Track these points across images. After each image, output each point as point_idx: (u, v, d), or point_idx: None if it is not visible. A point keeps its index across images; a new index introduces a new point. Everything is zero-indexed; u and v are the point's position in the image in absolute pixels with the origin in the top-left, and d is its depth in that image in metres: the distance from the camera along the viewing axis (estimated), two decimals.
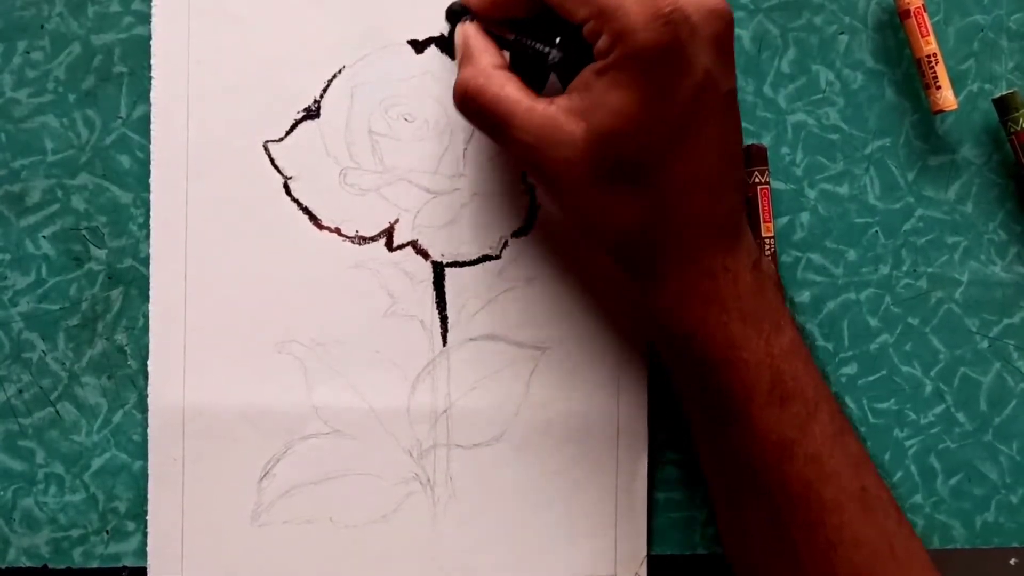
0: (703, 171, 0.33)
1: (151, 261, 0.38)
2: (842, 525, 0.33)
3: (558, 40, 0.35)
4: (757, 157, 0.39)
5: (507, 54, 0.36)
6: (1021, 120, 0.40)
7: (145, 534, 0.38)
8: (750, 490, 0.34)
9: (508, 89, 0.34)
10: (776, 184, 0.41)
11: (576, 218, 0.35)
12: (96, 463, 0.39)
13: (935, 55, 0.39)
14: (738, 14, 0.40)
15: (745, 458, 0.34)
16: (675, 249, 0.34)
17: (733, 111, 0.34)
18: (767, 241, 0.39)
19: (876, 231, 0.41)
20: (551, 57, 0.35)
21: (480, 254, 0.39)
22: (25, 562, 0.38)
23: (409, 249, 0.39)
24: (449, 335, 0.39)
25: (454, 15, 0.38)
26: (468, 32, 0.37)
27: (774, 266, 0.38)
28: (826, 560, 0.33)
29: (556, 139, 0.33)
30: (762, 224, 0.39)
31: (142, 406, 0.38)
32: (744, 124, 0.40)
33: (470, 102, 0.35)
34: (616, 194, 0.33)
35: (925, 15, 0.39)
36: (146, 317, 0.38)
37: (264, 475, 0.38)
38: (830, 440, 0.34)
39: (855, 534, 0.33)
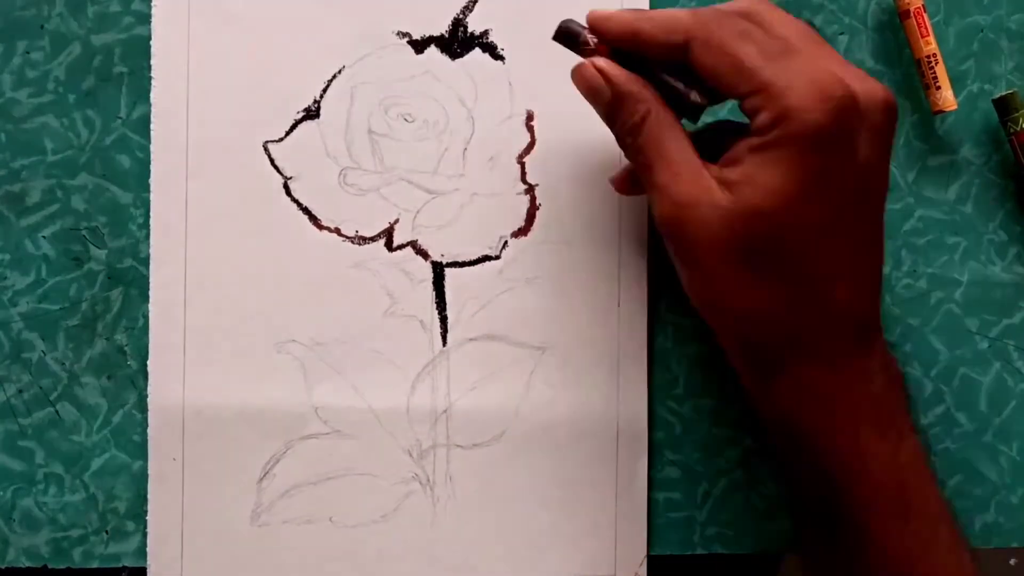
0: (849, 265, 0.32)
1: (151, 261, 0.38)
2: None
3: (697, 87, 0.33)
4: None
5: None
6: (1021, 120, 0.40)
7: (145, 534, 0.38)
8: None
9: (677, 131, 0.32)
10: None
11: (705, 296, 0.33)
12: (96, 463, 0.39)
13: (935, 55, 0.39)
14: None
15: (860, 571, 0.33)
16: (809, 344, 0.32)
17: (882, 208, 0.33)
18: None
19: None
20: (691, 98, 0.33)
21: (480, 254, 0.39)
22: (25, 562, 0.38)
23: (409, 249, 0.39)
24: (449, 335, 0.39)
25: (569, 37, 0.34)
26: (606, 66, 0.33)
27: (901, 371, 0.36)
28: None
29: (701, 200, 0.31)
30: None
31: (142, 406, 0.38)
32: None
33: (640, 137, 0.33)
34: (754, 275, 0.31)
35: (925, 15, 0.39)
36: (146, 317, 0.38)
37: (264, 475, 0.38)
38: (955, 558, 0.32)
39: None
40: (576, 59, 0.34)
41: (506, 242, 0.39)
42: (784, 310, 0.32)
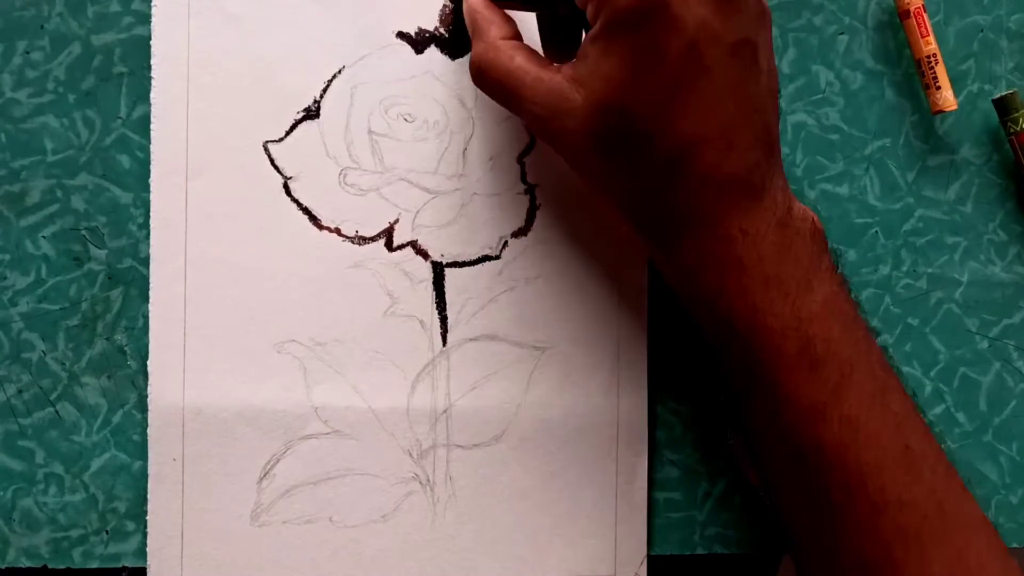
0: (710, 130, 0.31)
1: (151, 261, 0.38)
2: (884, 487, 0.32)
3: None
4: None
5: (516, 23, 0.36)
6: (1021, 120, 0.40)
7: (145, 534, 0.38)
8: (786, 457, 0.33)
9: (517, 60, 0.34)
10: None
11: (588, 187, 0.35)
12: (96, 463, 0.39)
13: (935, 55, 0.39)
14: None
15: (779, 423, 0.33)
16: (685, 215, 0.32)
17: (747, 60, 0.32)
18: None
19: (876, 231, 0.41)
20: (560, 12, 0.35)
21: (480, 254, 0.39)
22: (25, 562, 0.38)
23: (409, 249, 0.39)
24: (449, 335, 0.39)
25: None
26: (474, 5, 0.36)
27: (812, 216, 0.34)
28: (870, 524, 0.32)
29: (561, 109, 0.33)
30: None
31: (142, 406, 0.38)
32: None
33: (483, 76, 0.35)
34: (620, 162, 0.33)
35: (925, 15, 0.39)
36: (146, 317, 0.38)
37: (264, 475, 0.38)
38: (868, 400, 0.32)
39: (899, 495, 0.32)
40: None
41: (506, 242, 0.39)
42: (653, 187, 0.33)
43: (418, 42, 0.39)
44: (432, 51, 0.39)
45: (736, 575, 0.51)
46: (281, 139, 0.38)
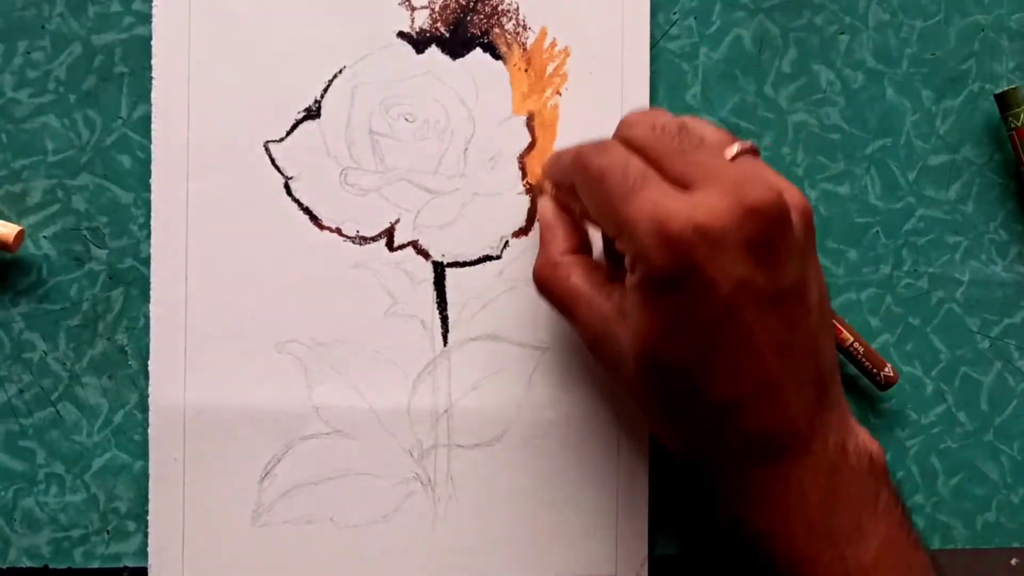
0: (749, 389, 0.30)
1: (152, 261, 0.38)
2: None
3: None
4: None
5: (581, 233, 0.36)
6: (1022, 116, 0.40)
7: (146, 534, 0.38)
8: None
9: (573, 280, 0.34)
10: None
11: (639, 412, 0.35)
12: (97, 463, 0.39)
13: None
14: (738, 14, 0.40)
15: None
16: (726, 468, 0.32)
17: (792, 307, 0.30)
18: None
19: (877, 231, 0.41)
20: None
21: (481, 254, 0.39)
22: (26, 562, 0.38)
23: (410, 249, 0.39)
24: (450, 335, 0.39)
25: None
26: (545, 212, 0.36)
27: (872, 449, 0.33)
28: None
29: (609, 339, 0.32)
30: None
31: (143, 406, 0.38)
32: (744, 124, 0.40)
33: (541, 290, 0.35)
34: (664, 403, 0.32)
35: None
36: (147, 317, 0.38)
37: (265, 475, 0.38)
38: None
39: None
40: None
41: (507, 242, 0.39)
42: (695, 435, 0.32)
43: (419, 42, 0.39)
44: (433, 51, 0.39)
45: (736, 575, 0.51)
46: (282, 139, 0.38)
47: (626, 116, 0.33)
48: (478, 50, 0.39)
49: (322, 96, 0.39)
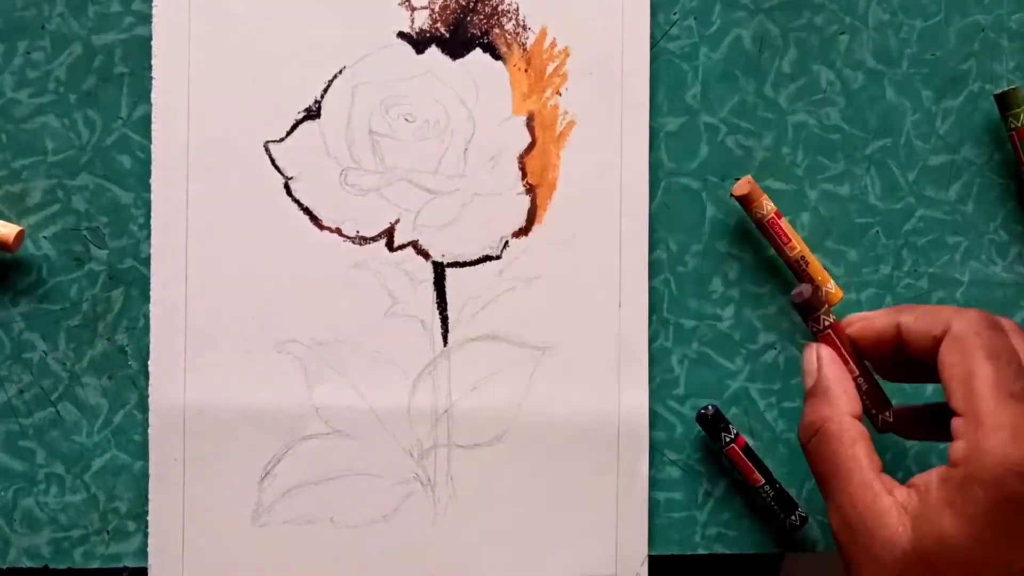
0: None
1: (152, 261, 0.38)
2: None
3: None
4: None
5: (860, 393, 0.35)
6: (1022, 116, 0.40)
7: (146, 534, 0.38)
8: None
9: (857, 450, 0.32)
10: (777, 184, 0.41)
11: None
12: (97, 463, 0.39)
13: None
14: (738, 14, 0.40)
15: None
16: None
17: None
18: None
19: (877, 231, 0.41)
20: (883, 416, 0.35)
21: (480, 254, 0.39)
22: (26, 562, 0.38)
23: (410, 249, 0.39)
24: (449, 335, 0.39)
25: (806, 309, 0.35)
26: (826, 359, 0.34)
27: None
28: None
29: (875, 530, 0.30)
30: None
31: (143, 406, 0.38)
32: (744, 124, 0.40)
33: (817, 443, 0.33)
34: None
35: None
36: (147, 317, 0.38)
37: (265, 475, 0.38)
38: None
39: None
40: None
41: (507, 242, 0.39)
42: None
43: (419, 42, 0.39)
44: (433, 51, 0.39)
45: (736, 575, 0.51)
46: (282, 139, 0.38)
47: (1004, 320, 0.32)
48: (478, 50, 0.39)
49: (322, 96, 0.39)
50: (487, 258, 0.39)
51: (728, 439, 0.39)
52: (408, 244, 0.39)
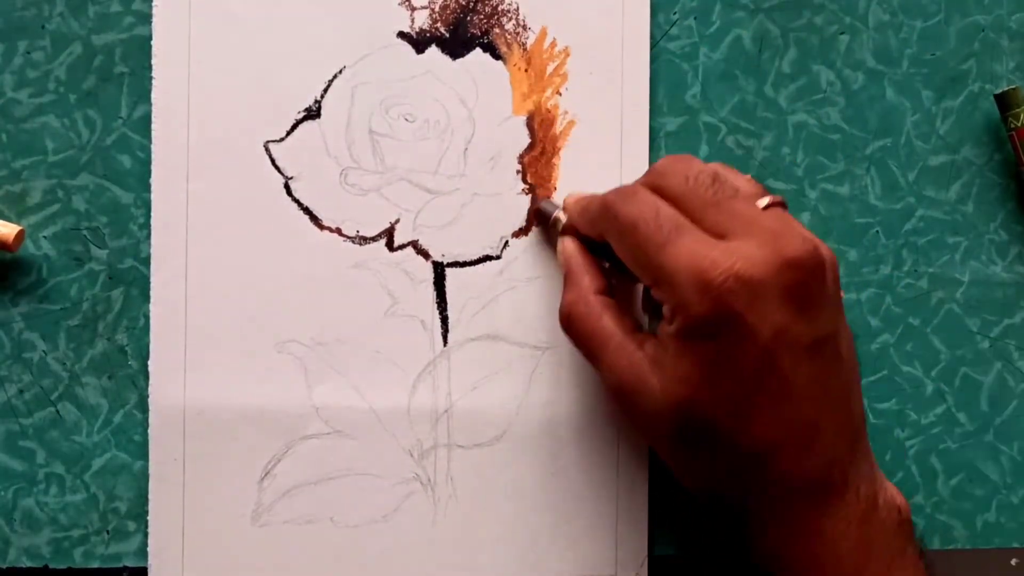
0: (786, 434, 0.31)
1: (152, 261, 0.38)
2: None
3: None
4: None
5: (607, 278, 0.36)
6: (1022, 116, 0.40)
7: (146, 534, 0.38)
8: None
9: (605, 320, 0.34)
10: (777, 184, 0.41)
11: (663, 461, 0.34)
12: (97, 463, 0.39)
13: None
14: (738, 14, 0.40)
15: None
16: (760, 512, 0.32)
17: (826, 356, 0.31)
18: None
19: (877, 231, 0.41)
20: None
21: (480, 254, 0.39)
22: (26, 562, 0.38)
23: (410, 249, 0.39)
24: (450, 335, 0.39)
25: (543, 217, 0.38)
26: (569, 250, 0.36)
27: (900, 503, 0.33)
28: None
29: (638, 388, 0.32)
30: None
31: (143, 406, 0.38)
32: (744, 124, 0.40)
33: (570, 326, 0.35)
34: (693, 454, 0.32)
35: None
36: (147, 317, 0.38)
37: (265, 475, 0.38)
38: None
39: None
40: None
41: (507, 242, 0.39)
42: (727, 484, 0.32)
43: (419, 42, 0.39)
44: (433, 51, 0.39)
45: (736, 575, 0.51)
46: (282, 139, 0.38)
47: (657, 164, 0.33)
48: (478, 50, 0.39)
49: (322, 96, 0.39)
50: (487, 258, 0.39)
51: None
52: (408, 244, 0.39)
